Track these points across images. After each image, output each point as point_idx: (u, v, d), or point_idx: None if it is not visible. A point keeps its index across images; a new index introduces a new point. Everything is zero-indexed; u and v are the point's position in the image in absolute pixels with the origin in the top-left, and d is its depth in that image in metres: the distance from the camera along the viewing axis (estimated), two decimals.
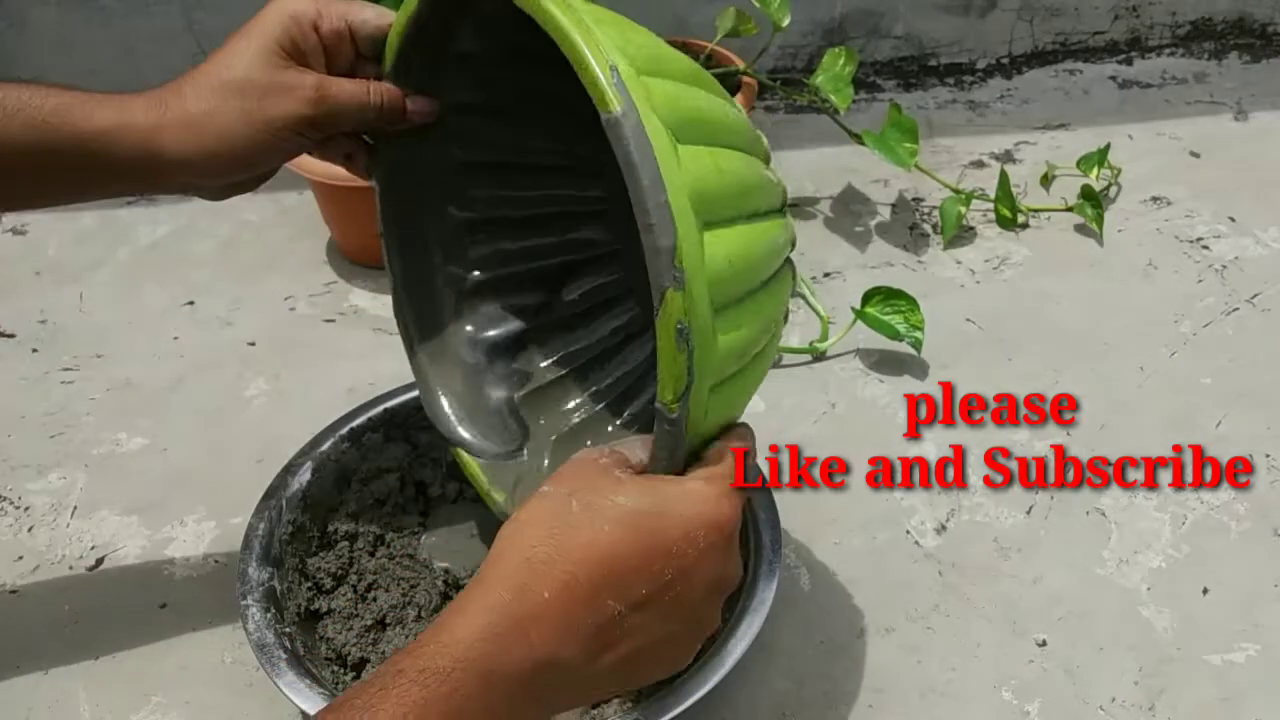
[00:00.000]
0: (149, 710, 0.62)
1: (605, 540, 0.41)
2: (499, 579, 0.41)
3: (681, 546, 0.43)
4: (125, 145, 0.51)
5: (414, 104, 0.55)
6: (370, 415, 0.69)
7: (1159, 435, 0.79)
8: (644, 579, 0.42)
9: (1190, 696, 0.63)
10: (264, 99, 0.51)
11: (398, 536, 0.67)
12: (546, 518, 0.42)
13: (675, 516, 0.43)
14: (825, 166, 1.07)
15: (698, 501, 0.44)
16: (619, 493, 0.43)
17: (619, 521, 0.42)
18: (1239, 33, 1.30)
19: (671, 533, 0.43)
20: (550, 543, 0.41)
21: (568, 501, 0.43)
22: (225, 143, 0.51)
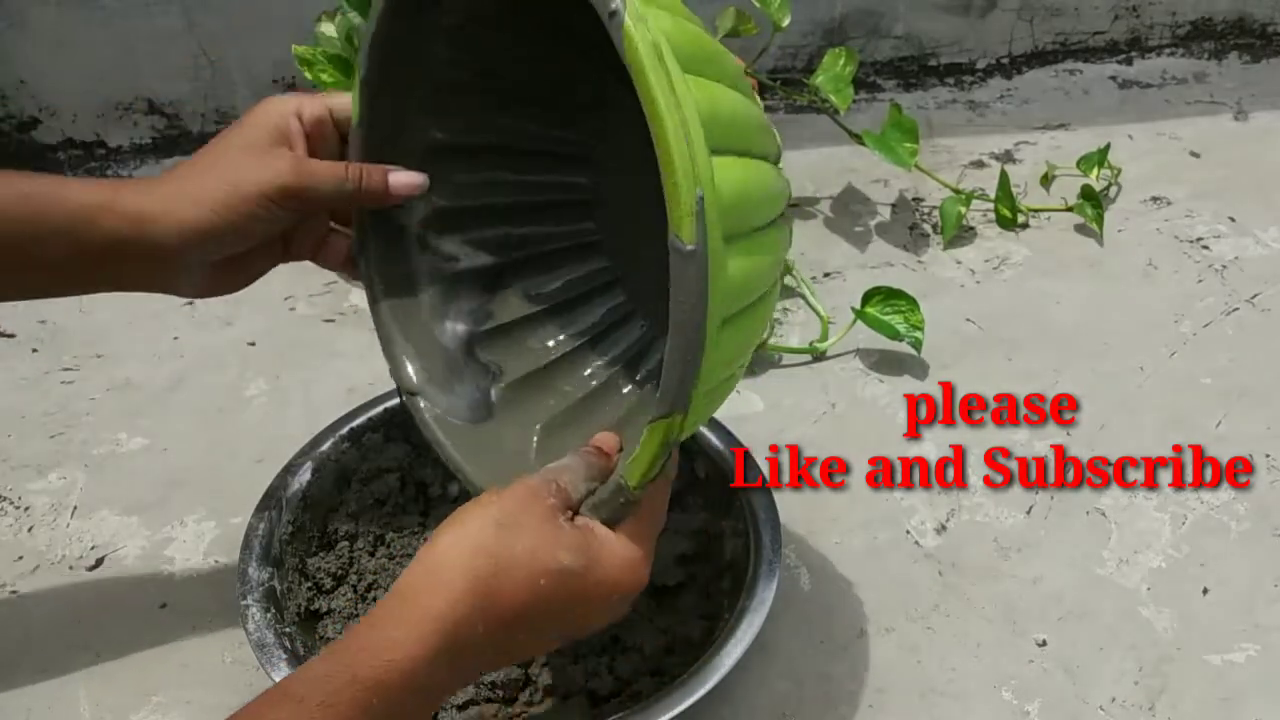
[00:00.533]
0: (149, 710, 0.62)
1: (538, 596, 0.46)
2: (443, 603, 0.44)
3: (597, 599, 0.48)
4: (111, 220, 0.52)
5: (398, 179, 0.56)
6: (370, 415, 0.69)
7: (1159, 435, 0.79)
8: (557, 623, 0.48)
9: (1190, 696, 0.63)
10: (241, 170, 0.53)
11: (398, 536, 0.67)
12: (489, 550, 0.46)
13: (599, 577, 0.48)
14: (825, 166, 1.07)
15: (625, 569, 0.48)
16: (559, 547, 0.46)
17: (554, 575, 0.46)
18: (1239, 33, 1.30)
19: (592, 589, 0.48)
20: (493, 582, 0.45)
21: (513, 541, 0.46)
22: (199, 208, 0.52)
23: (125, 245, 0.52)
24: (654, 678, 0.59)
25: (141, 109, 1.10)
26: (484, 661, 0.47)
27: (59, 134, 1.08)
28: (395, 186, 0.56)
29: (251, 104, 0.56)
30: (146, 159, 1.08)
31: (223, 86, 1.09)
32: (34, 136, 1.08)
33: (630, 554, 0.49)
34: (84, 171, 1.07)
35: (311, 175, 0.53)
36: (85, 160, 1.08)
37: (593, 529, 0.48)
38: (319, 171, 0.54)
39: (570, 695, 0.59)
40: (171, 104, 1.10)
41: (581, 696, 0.59)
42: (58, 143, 1.08)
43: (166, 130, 1.10)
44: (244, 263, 0.56)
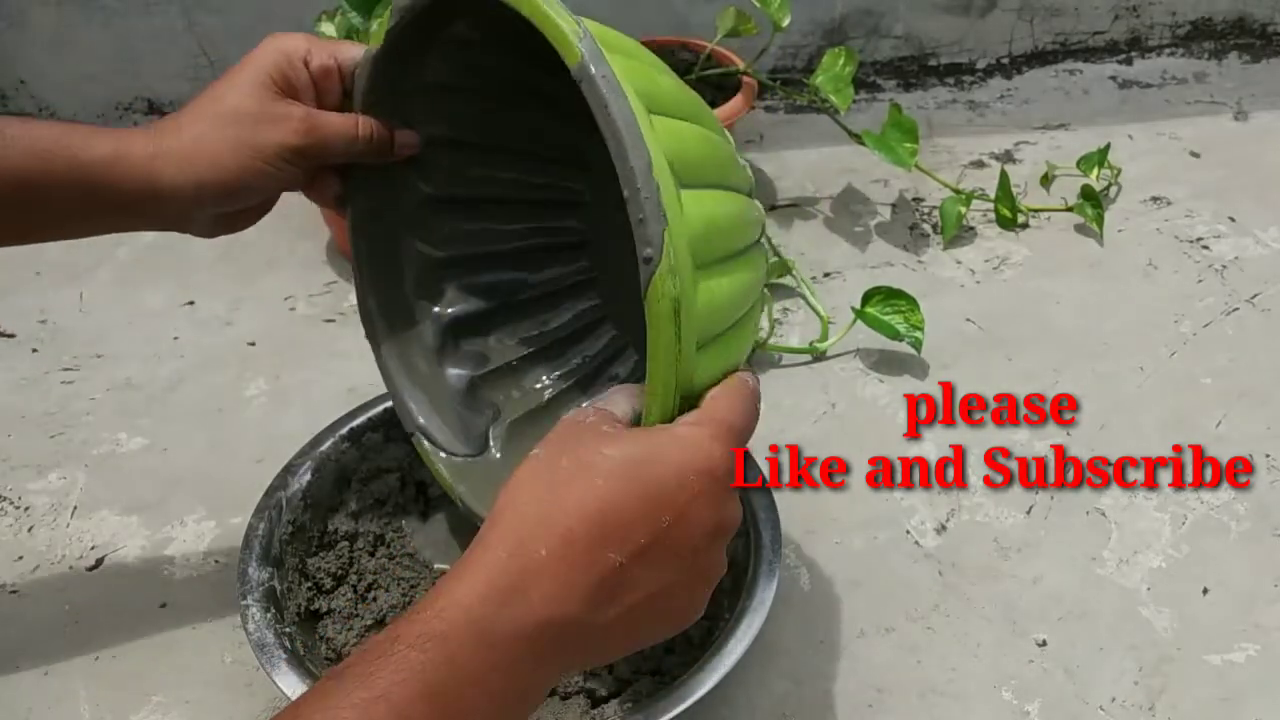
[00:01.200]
0: (149, 710, 0.62)
1: (599, 493, 0.41)
2: (495, 540, 0.40)
3: (674, 493, 0.42)
4: (122, 175, 0.52)
5: (402, 136, 0.58)
6: (370, 415, 0.69)
7: (1159, 435, 0.79)
8: (641, 528, 0.41)
9: (1190, 696, 0.63)
10: (255, 127, 0.53)
11: (398, 536, 0.67)
12: (539, 477, 0.42)
13: (666, 463, 0.42)
14: (825, 166, 1.07)
15: (687, 447, 0.43)
16: (608, 445, 0.42)
17: (610, 474, 0.41)
18: (1239, 33, 1.30)
19: (664, 479, 0.42)
20: (545, 500, 0.41)
21: (558, 459, 0.42)
22: (216, 169, 0.52)
23: (136, 199, 0.52)
24: (654, 678, 0.59)
25: (141, 109, 1.10)
26: (573, 590, 0.40)
27: None
28: (401, 143, 0.58)
29: None
30: None
31: None
32: None
33: (691, 433, 0.44)
34: None
35: (325, 132, 0.54)
36: None
37: (642, 429, 0.44)
38: (329, 128, 0.54)
39: (570, 695, 0.59)
40: (171, 104, 1.10)
41: (581, 696, 0.59)
42: None
43: None
44: (255, 205, 0.58)
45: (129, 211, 0.53)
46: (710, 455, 0.43)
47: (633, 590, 0.42)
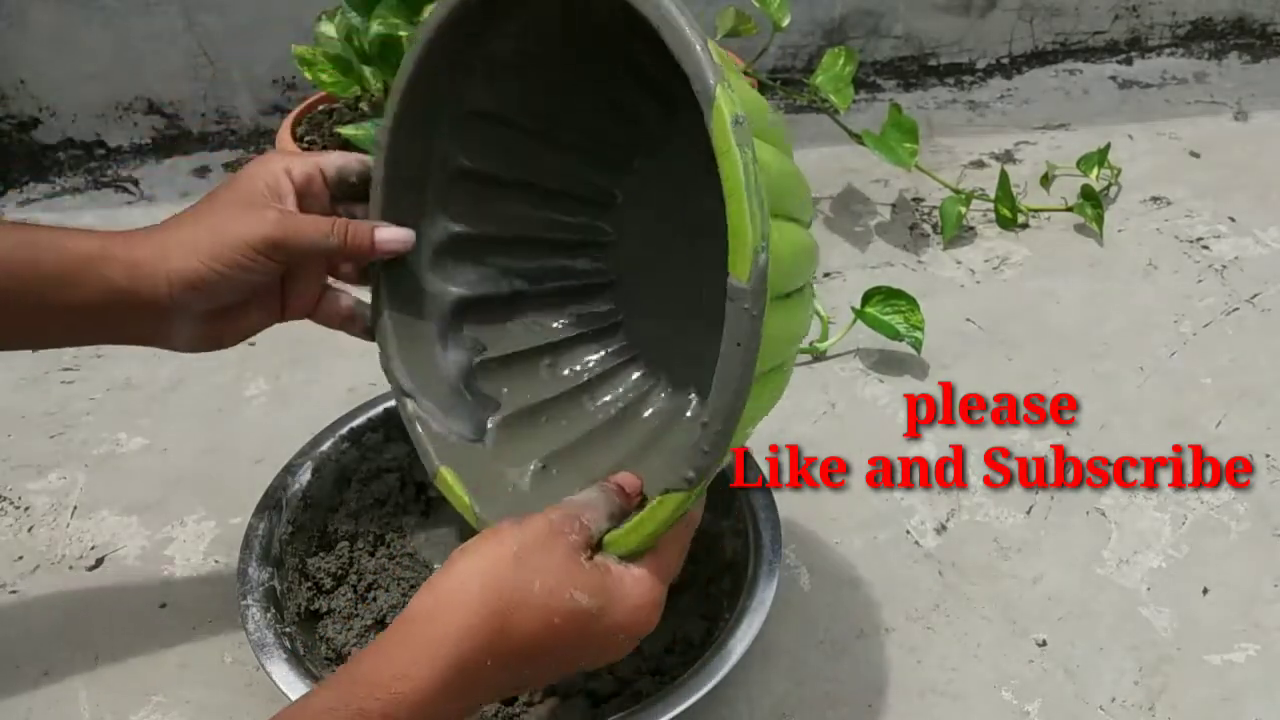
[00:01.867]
0: (149, 710, 0.62)
1: (551, 634, 0.46)
2: (459, 634, 0.44)
3: (607, 640, 0.48)
4: (105, 267, 0.52)
5: (385, 235, 0.57)
6: (370, 415, 0.69)
7: (1159, 435, 0.79)
8: (564, 660, 0.48)
9: (1190, 696, 0.63)
10: (231, 222, 0.53)
11: (398, 536, 0.67)
12: (507, 585, 0.45)
13: (613, 619, 0.48)
14: (825, 166, 1.07)
15: (633, 612, 0.48)
16: (577, 587, 0.46)
17: (568, 618, 0.46)
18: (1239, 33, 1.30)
19: (604, 630, 0.48)
20: (508, 618, 0.45)
21: (531, 578, 0.46)
22: (187, 258, 0.52)
23: (120, 294, 0.52)
24: (654, 678, 0.59)
25: (141, 109, 1.10)
26: (490, 694, 0.47)
27: (59, 134, 1.08)
28: (381, 242, 0.56)
29: (250, 104, 0.57)
30: (146, 159, 1.08)
31: (222, 86, 1.09)
32: (34, 136, 1.08)
33: (644, 598, 0.49)
34: (84, 171, 1.07)
35: (296, 228, 0.54)
36: (85, 160, 1.08)
37: (609, 569, 0.48)
38: (303, 224, 0.54)
39: (570, 695, 0.59)
40: (171, 104, 1.10)
41: (581, 697, 0.59)
42: (58, 143, 1.08)
43: (166, 130, 1.11)
44: (238, 316, 0.57)
45: (108, 310, 0.53)
46: (649, 624, 0.49)
47: (536, 683, 0.52)
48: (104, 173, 1.07)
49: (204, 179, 1.06)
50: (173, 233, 0.54)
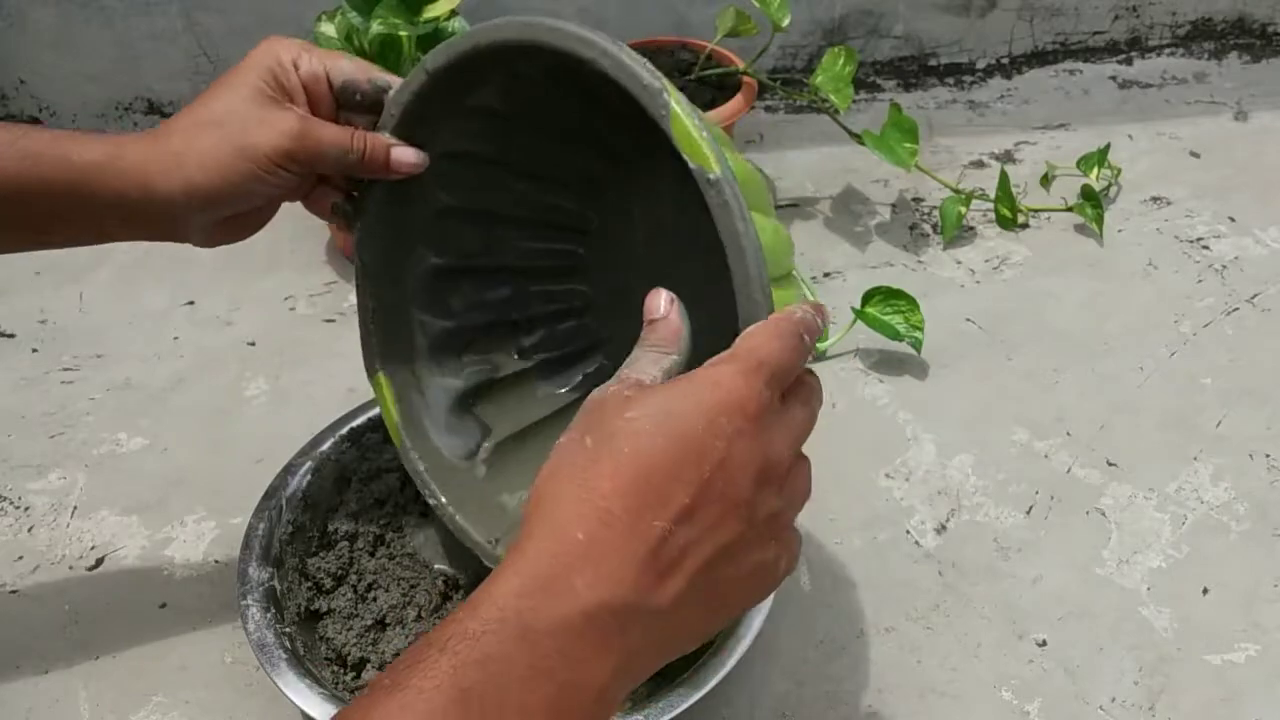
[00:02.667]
0: (149, 710, 0.62)
1: (627, 462, 0.38)
2: (529, 534, 0.38)
3: (707, 440, 0.39)
4: (114, 177, 0.51)
5: (400, 155, 0.55)
6: (370, 415, 0.69)
7: (1159, 435, 0.79)
8: (680, 487, 0.38)
9: (1190, 696, 0.63)
10: (246, 129, 0.52)
11: (398, 536, 0.67)
12: (566, 461, 0.39)
13: (692, 412, 0.39)
14: (825, 166, 1.07)
15: (712, 388, 0.40)
16: (628, 410, 0.39)
17: (634, 437, 0.38)
18: (1239, 33, 1.30)
19: (692, 429, 0.39)
20: (575, 481, 0.38)
21: (583, 439, 0.39)
22: (206, 172, 0.51)
23: (130, 204, 0.51)
24: (654, 677, 0.59)
25: (141, 109, 1.10)
26: (622, 570, 0.37)
27: None
28: (397, 162, 0.55)
29: None
30: None
31: None
32: None
33: (712, 374, 0.40)
34: None
35: (318, 140, 0.53)
36: None
37: (653, 395, 0.40)
38: (325, 136, 0.53)
39: None
40: (171, 104, 1.10)
41: None
42: None
43: None
44: (255, 214, 0.57)
45: (121, 217, 0.53)
46: (737, 391, 0.40)
47: (688, 557, 0.38)
48: None
49: None
50: (187, 140, 0.52)
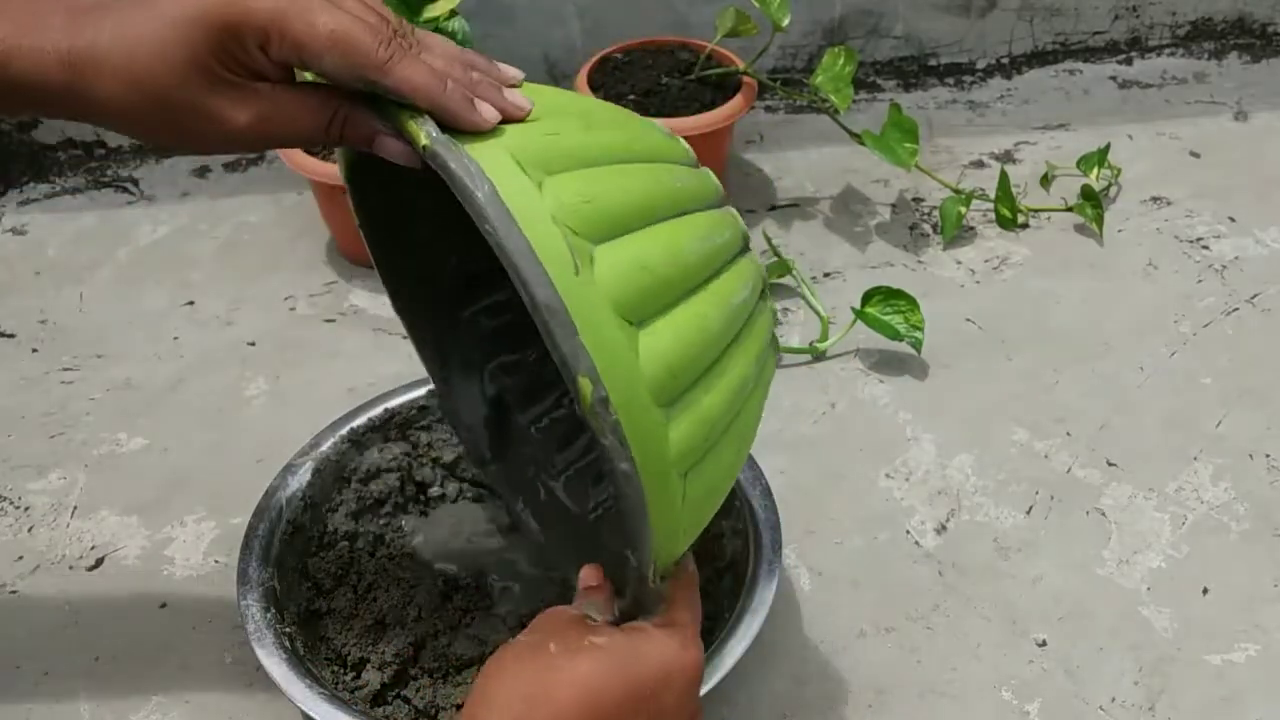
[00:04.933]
0: (149, 710, 0.62)
1: (584, 678, 0.43)
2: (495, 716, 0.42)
3: (656, 687, 0.44)
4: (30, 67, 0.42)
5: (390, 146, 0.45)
6: (370, 415, 0.69)
7: (1159, 435, 0.79)
8: (625, 715, 0.44)
9: (1190, 696, 0.63)
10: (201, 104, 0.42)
11: (398, 536, 0.67)
12: (527, 660, 0.44)
13: (649, 659, 0.45)
14: (825, 166, 1.07)
15: (668, 647, 0.46)
16: (595, 634, 0.45)
17: (596, 660, 0.43)
18: (1239, 33, 1.29)
19: (647, 673, 0.44)
20: (535, 681, 0.43)
21: (545, 645, 0.44)
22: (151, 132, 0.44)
23: (50, 93, 0.42)
24: None
25: None
26: None
27: (59, 134, 1.08)
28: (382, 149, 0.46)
29: None
30: (146, 159, 1.08)
31: None
32: (34, 136, 1.08)
33: (670, 635, 0.46)
34: (84, 171, 1.06)
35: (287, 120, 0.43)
36: (85, 160, 1.08)
37: (621, 628, 0.47)
38: (295, 115, 0.43)
39: None
40: None
41: None
42: (58, 142, 1.08)
43: None
44: None
45: (41, 102, 0.43)
46: (688, 656, 0.46)
47: None
48: (104, 173, 1.07)
49: (204, 179, 1.05)
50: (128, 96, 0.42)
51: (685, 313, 0.43)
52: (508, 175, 0.40)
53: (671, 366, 0.42)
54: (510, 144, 0.42)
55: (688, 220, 0.45)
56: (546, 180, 0.41)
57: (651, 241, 0.43)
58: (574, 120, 0.44)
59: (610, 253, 0.41)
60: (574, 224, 0.40)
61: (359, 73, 0.42)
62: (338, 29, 0.41)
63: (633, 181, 0.44)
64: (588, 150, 0.43)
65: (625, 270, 0.41)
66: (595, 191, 0.42)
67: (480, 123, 0.42)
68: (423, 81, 0.41)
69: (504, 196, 0.39)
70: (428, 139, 0.41)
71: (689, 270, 0.44)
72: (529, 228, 0.39)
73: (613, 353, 0.40)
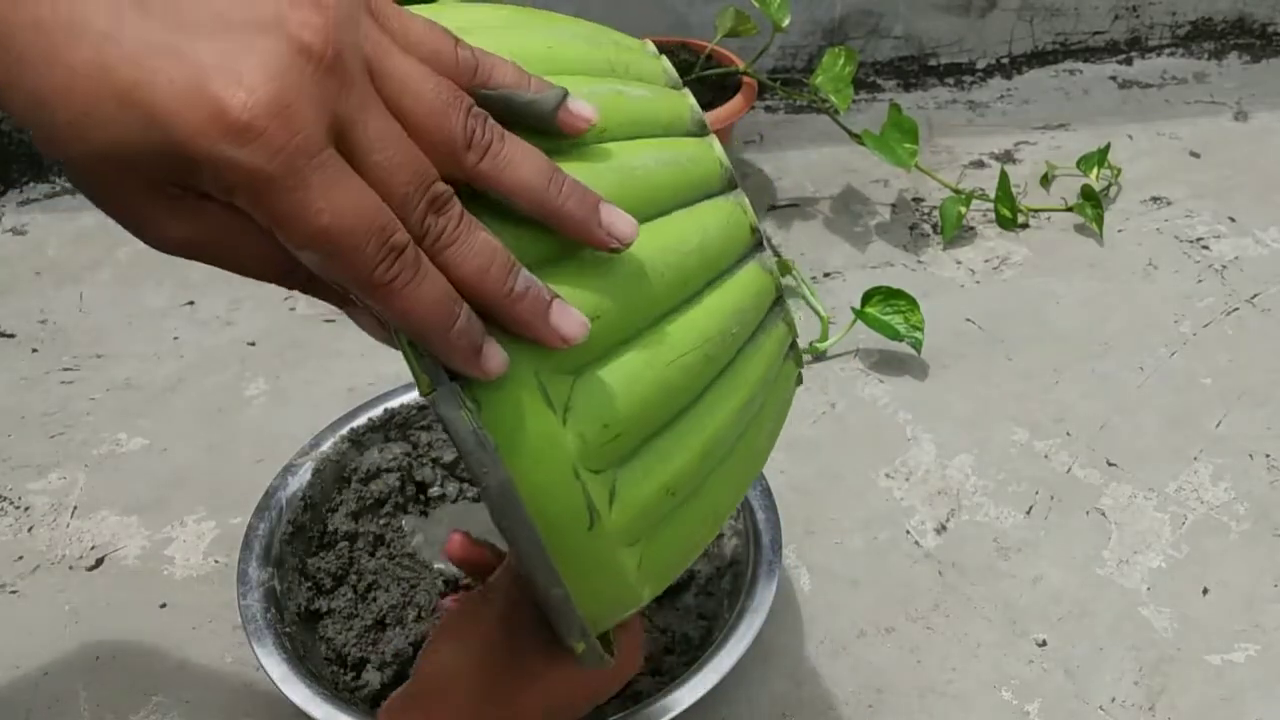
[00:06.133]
0: (149, 710, 0.62)
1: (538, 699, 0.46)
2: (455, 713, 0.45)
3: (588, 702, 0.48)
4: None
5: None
6: (370, 415, 0.69)
7: (1159, 435, 0.79)
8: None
9: (1190, 696, 0.63)
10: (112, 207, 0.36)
11: (398, 536, 0.67)
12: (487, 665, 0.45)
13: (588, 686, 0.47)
14: (825, 166, 1.07)
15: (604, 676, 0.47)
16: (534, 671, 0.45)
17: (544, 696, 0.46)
18: (1239, 33, 1.30)
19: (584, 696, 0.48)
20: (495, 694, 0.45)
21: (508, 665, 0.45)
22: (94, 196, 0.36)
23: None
24: (654, 678, 0.59)
25: None
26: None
27: None
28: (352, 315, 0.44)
29: None
30: None
31: None
32: None
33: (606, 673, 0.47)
34: None
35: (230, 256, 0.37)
36: None
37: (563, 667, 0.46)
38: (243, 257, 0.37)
39: None
40: None
41: None
42: None
43: None
44: None
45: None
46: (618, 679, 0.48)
47: None
48: None
49: None
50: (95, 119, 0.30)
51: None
52: (528, 422, 0.34)
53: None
54: (537, 356, 0.34)
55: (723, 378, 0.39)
56: (573, 392, 0.35)
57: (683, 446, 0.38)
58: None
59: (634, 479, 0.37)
60: (597, 463, 0.35)
61: (347, 287, 0.32)
62: (334, 225, 0.30)
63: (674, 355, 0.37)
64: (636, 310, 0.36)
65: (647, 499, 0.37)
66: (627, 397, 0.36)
67: (483, 378, 0.34)
68: (422, 318, 0.32)
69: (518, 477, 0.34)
70: (429, 389, 0.34)
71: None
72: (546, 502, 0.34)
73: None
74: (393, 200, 0.31)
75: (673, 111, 0.40)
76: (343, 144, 0.30)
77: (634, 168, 0.37)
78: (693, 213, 0.38)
